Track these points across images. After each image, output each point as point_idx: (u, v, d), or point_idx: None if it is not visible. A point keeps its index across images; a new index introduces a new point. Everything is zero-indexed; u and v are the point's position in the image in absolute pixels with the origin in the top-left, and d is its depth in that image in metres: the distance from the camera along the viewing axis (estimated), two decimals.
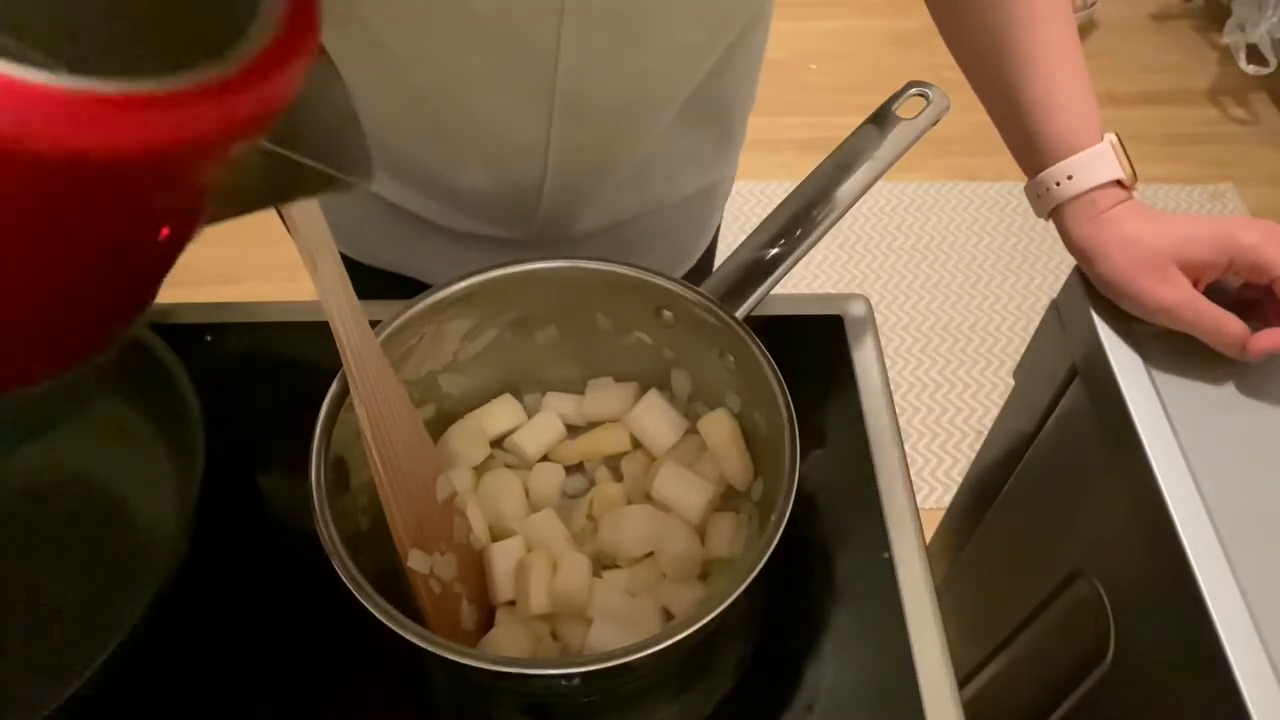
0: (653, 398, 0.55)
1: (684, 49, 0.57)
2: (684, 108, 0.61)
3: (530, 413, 0.57)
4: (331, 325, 0.41)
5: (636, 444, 0.55)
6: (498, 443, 0.55)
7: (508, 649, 0.48)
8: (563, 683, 0.41)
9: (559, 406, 0.56)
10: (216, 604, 0.51)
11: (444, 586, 0.47)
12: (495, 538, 0.52)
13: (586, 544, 0.52)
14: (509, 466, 0.55)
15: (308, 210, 0.38)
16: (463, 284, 0.50)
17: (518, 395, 0.57)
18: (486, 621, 0.50)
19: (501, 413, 0.56)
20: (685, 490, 0.51)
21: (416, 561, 0.46)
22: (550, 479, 0.54)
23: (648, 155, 0.64)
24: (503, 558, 0.50)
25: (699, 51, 0.58)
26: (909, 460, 0.57)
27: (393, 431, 0.44)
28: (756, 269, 0.52)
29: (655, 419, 0.54)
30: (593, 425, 0.56)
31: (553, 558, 0.49)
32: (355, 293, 0.41)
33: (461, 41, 0.52)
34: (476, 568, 0.50)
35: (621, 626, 0.47)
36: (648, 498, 0.52)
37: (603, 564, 0.51)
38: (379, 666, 0.49)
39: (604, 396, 0.56)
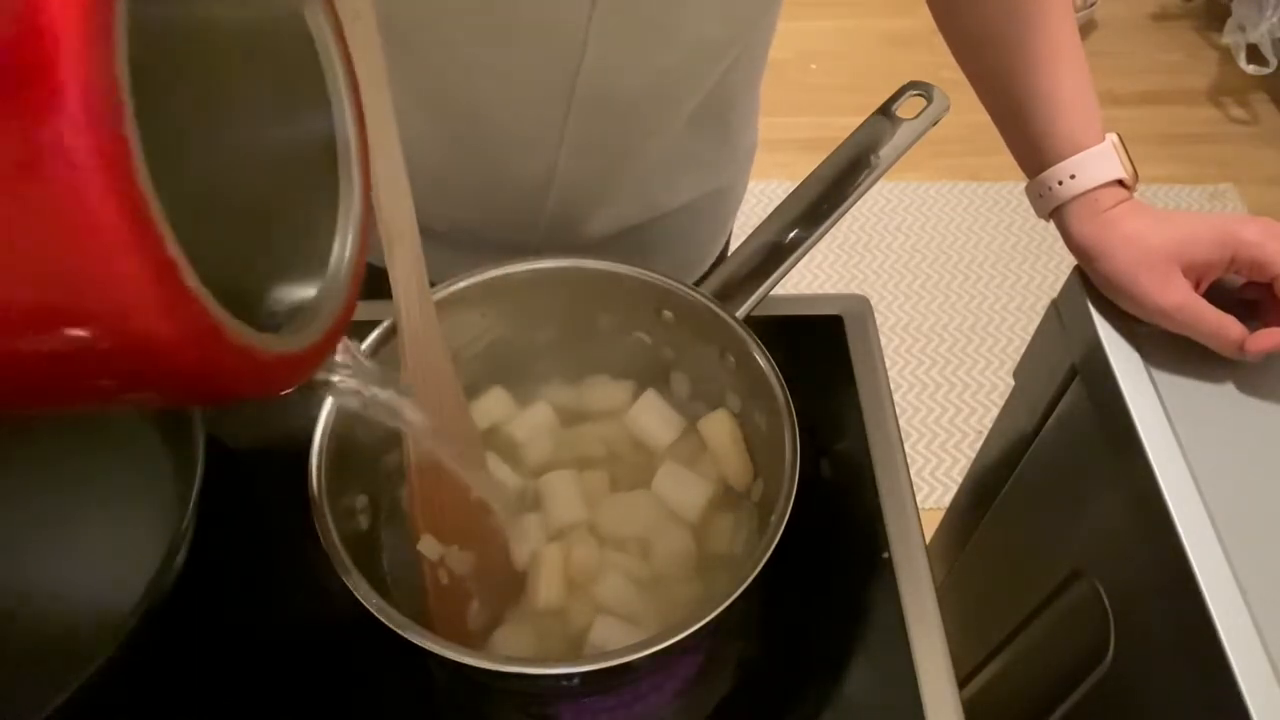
0: (651, 397, 0.55)
1: (706, 45, 0.57)
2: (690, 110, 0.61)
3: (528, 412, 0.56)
4: (395, 304, 0.41)
5: (634, 442, 0.55)
6: (490, 435, 0.55)
7: (509, 649, 0.47)
8: (563, 683, 0.41)
9: (554, 397, 0.56)
10: (216, 604, 0.51)
11: (454, 580, 0.47)
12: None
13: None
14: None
15: (394, 192, 0.39)
16: (463, 283, 0.50)
17: (518, 394, 0.57)
18: (496, 624, 0.50)
19: (492, 406, 0.56)
20: (685, 489, 0.51)
21: (427, 547, 0.46)
22: (545, 460, 0.54)
23: (653, 159, 0.64)
24: (521, 531, 0.50)
25: (719, 48, 0.58)
26: (909, 460, 0.57)
27: (439, 421, 0.45)
28: (756, 269, 0.52)
29: (653, 417, 0.54)
30: (589, 421, 0.56)
31: (565, 525, 0.50)
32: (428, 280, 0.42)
33: (484, 34, 0.52)
34: (500, 573, 0.50)
35: (623, 625, 0.47)
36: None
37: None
38: (379, 666, 0.49)
39: (601, 390, 0.56)
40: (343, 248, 0.32)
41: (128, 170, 0.19)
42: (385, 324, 0.48)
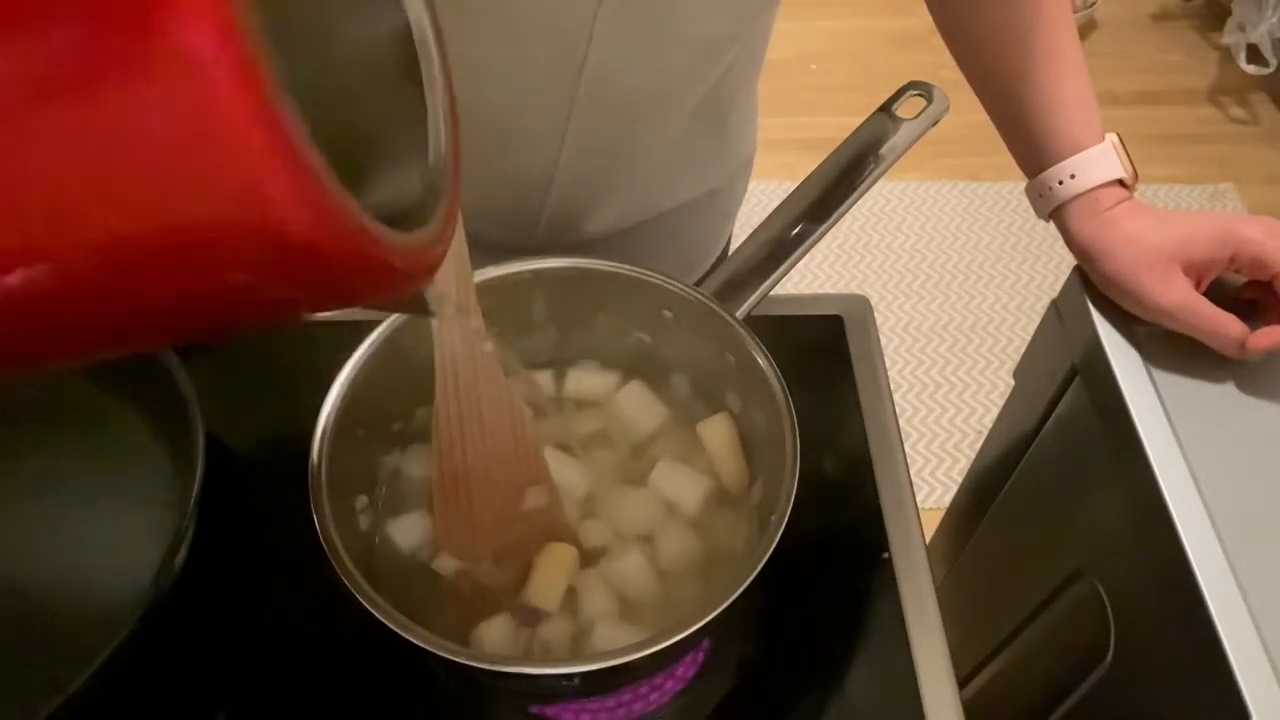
0: (635, 386, 0.55)
1: (708, 43, 0.57)
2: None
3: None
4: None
5: (624, 431, 0.55)
6: None
7: (512, 648, 0.47)
8: (563, 683, 0.41)
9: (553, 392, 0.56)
10: (216, 604, 0.51)
11: (479, 590, 0.47)
12: None
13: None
14: None
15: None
16: None
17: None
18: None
19: None
20: (683, 485, 0.51)
21: (441, 565, 0.46)
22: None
23: (653, 158, 0.64)
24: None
25: (720, 46, 0.58)
26: (909, 460, 0.57)
27: (474, 433, 0.44)
28: (757, 268, 0.52)
29: (635, 405, 0.54)
30: (585, 409, 0.56)
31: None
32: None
33: (489, 29, 0.52)
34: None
35: (624, 624, 0.47)
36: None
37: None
38: (379, 666, 0.49)
39: (594, 379, 0.56)
40: (437, 134, 0.32)
41: (255, 61, 0.18)
42: None
